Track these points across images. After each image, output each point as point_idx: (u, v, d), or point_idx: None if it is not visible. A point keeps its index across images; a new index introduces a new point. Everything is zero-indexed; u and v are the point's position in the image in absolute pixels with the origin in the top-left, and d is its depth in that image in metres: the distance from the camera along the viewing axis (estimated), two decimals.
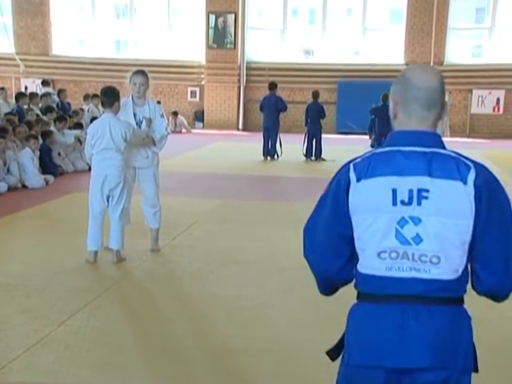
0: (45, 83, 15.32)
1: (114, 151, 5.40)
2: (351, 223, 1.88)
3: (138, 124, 5.63)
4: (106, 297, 4.69)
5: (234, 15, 19.59)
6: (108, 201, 5.50)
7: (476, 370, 1.92)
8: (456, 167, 1.82)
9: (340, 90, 19.34)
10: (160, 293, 4.82)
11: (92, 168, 5.58)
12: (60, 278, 5.06)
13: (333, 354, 2.00)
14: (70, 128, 11.22)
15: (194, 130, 19.61)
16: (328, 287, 2.07)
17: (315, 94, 13.42)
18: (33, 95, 12.23)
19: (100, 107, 13.43)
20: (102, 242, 5.52)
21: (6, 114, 10.45)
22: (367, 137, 14.47)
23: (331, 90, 19.51)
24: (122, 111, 5.65)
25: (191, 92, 20.43)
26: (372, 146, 13.40)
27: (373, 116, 13.45)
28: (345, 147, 14.06)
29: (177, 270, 5.42)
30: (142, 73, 5.59)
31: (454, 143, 11.77)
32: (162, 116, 5.74)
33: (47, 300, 4.54)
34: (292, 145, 14.58)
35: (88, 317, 4.27)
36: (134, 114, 5.63)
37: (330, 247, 1.93)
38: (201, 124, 20.35)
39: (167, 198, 7.11)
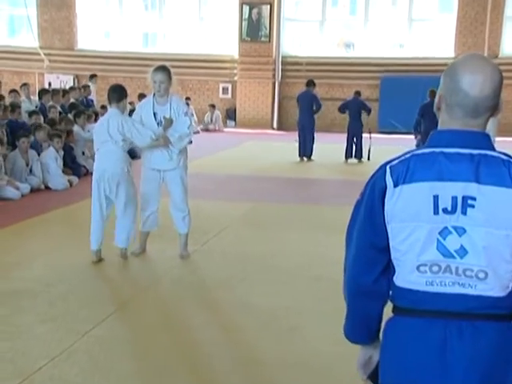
0: (91, 78, 16.15)
1: (110, 144, 5.60)
2: (387, 232, 1.83)
3: (159, 124, 5.65)
4: (133, 305, 4.77)
5: (269, 6, 19.65)
6: (110, 197, 5.68)
7: None
8: (507, 171, 1.76)
9: (383, 86, 19.20)
10: (189, 301, 4.88)
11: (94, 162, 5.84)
12: (84, 285, 5.16)
13: (374, 377, 1.97)
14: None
15: (225, 129, 19.72)
16: (361, 312, 1.95)
17: (357, 92, 13.57)
18: (55, 92, 12.47)
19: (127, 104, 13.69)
20: (102, 241, 5.69)
21: (29, 112, 10.66)
22: (413, 136, 14.32)
23: (373, 86, 19.39)
24: (142, 110, 5.73)
25: (223, 88, 20.55)
26: (418, 146, 13.27)
27: (420, 114, 13.31)
28: (388, 148, 13.94)
29: (207, 277, 5.48)
30: (163, 69, 5.58)
31: (508, 143, 11.58)
32: (186, 114, 5.73)
33: (71, 308, 4.64)
34: (330, 145, 14.55)
35: (113, 326, 4.35)
36: (155, 114, 5.65)
37: (364, 256, 1.89)
38: (233, 122, 20.46)
39: (197, 201, 7.18)
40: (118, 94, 5.67)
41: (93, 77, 16.55)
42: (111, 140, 5.59)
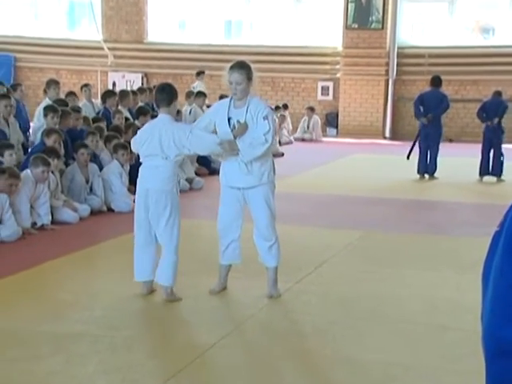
0: (199, 74, 16.92)
1: (159, 158, 5.69)
2: None
3: (233, 131, 5.77)
4: (211, 356, 4.83)
5: None
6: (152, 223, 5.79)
7: None
8: None
9: None
10: (279, 353, 4.89)
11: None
12: (153, 330, 5.29)
13: None
14: None
15: (324, 138, 19.77)
16: (504, 378, 1.84)
17: (497, 91, 13.36)
18: (123, 94, 12.87)
19: (205, 108, 13.99)
20: (152, 272, 5.83)
21: (84, 118, 11.02)
22: None
23: None
24: (216, 114, 5.89)
25: (322, 88, 20.64)
26: None
27: None
28: None
29: (301, 323, 5.47)
30: (240, 67, 5.69)
31: None
32: (266, 118, 5.74)
33: (137, 357, 4.75)
34: (460, 158, 14.28)
35: (188, 381, 4.41)
36: (229, 119, 5.77)
37: (504, 303, 1.83)
38: (334, 130, 20.48)
39: (289, 228, 7.22)
40: (167, 94, 5.81)
41: (200, 73, 16.92)
42: (161, 154, 5.69)
